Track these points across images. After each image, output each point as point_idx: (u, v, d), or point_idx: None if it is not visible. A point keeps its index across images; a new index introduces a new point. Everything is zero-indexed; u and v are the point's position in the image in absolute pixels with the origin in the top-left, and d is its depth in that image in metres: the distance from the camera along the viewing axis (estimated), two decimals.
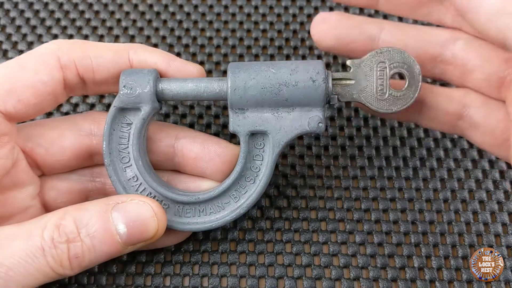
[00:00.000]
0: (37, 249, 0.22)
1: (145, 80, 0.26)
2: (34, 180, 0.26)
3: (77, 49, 0.26)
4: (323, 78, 0.25)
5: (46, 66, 0.25)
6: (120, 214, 0.24)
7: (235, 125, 0.26)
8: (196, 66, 0.27)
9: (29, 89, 0.24)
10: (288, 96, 0.26)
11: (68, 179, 0.28)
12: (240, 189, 0.27)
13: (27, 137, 0.26)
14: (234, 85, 0.26)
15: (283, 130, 0.26)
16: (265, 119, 0.26)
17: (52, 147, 0.26)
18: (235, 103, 0.26)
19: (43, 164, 0.27)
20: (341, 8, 0.37)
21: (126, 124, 0.27)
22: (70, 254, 0.23)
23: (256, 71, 0.26)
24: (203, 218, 0.27)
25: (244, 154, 0.26)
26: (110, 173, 0.26)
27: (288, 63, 0.26)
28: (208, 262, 0.29)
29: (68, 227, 0.23)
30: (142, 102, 0.26)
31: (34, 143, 0.26)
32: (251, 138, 0.27)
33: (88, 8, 0.37)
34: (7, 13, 0.37)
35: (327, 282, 0.29)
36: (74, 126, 0.27)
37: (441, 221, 0.30)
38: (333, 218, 0.30)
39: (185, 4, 0.38)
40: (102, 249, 0.23)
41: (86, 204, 0.24)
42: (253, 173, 0.27)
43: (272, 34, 0.36)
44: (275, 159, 0.27)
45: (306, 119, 0.26)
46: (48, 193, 0.27)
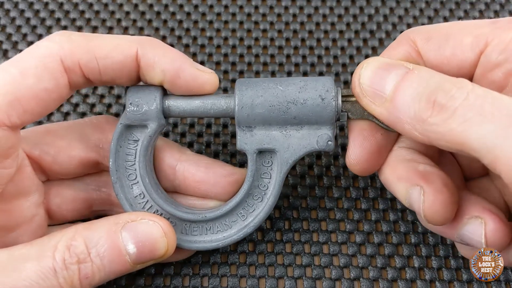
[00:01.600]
0: (49, 271, 0.22)
1: (151, 97, 0.25)
2: (39, 187, 0.26)
3: (81, 49, 0.24)
4: (333, 96, 0.25)
5: (49, 72, 0.23)
6: (129, 234, 0.23)
7: (242, 143, 0.26)
8: (208, 75, 0.26)
9: (33, 99, 0.23)
10: (297, 114, 0.25)
11: (73, 187, 0.28)
12: (248, 207, 0.27)
13: (34, 144, 0.26)
14: (241, 103, 0.25)
15: (292, 148, 0.26)
16: (273, 137, 0.26)
17: (59, 156, 0.26)
18: (243, 121, 0.25)
19: (49, 171, 0.27)
20: (341, 8, 0.37)
21: (133, 141, 0.26)
22: (81, 274, 0.23)
23: (264, 89, 0.25)
24: (210, 237, 0.27)
25: (252, 172, 0.26)
26: (116, 190, 0.26)
27: (296, 80, 0.25)
28: (208, 262, 0.29)
29: (78, 247, 0.23)
30: (148, 119, 0.26)
31: (41, 151, 0.26)
32: (259, 156, 0.26)
33: (88, 8, 0.37)
34: (7, 13, 0.37)
35: (327, 282, 0.29)
36: (82, 137, 0.27)
37: None
38: (333, 218, 0.30)
39: (185, 4, 0.38)
40: (112, 268, 0.23)
41: (96, 223, 0.24)
42: (261, 191, 0.27)
43: (272, 34, 0.36)
44: (283, 178, 0.26)
45: (315, 138, 0.26)
46: (53, 200, 0.27)
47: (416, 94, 0.21)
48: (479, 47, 0.23)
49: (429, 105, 0.20)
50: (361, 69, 0.23)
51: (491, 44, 0.23)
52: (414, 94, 0.21)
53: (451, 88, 0.20)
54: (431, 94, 0.20)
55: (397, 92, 0.22)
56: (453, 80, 0.21)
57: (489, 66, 0.23)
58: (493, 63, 0.23)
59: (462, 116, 0.19)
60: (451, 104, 0.20)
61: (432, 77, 0.21)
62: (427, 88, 0.21)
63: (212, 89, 0.26)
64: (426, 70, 0.22)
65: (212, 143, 0.33)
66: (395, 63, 0.23)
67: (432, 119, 0.20)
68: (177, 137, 0.33)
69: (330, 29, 0.37)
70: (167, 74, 0.25)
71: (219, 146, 0.33)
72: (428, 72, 0.22)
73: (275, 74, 0.35)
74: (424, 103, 0.21)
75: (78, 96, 0.34)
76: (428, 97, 0.20)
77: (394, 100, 0.22)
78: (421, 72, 0.22)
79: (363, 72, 0.23)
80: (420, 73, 0.22)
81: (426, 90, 0.21)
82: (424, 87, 0.21)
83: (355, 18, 0.37)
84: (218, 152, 0.33)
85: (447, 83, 0.21)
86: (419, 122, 0.21)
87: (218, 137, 0.33)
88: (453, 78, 0.21)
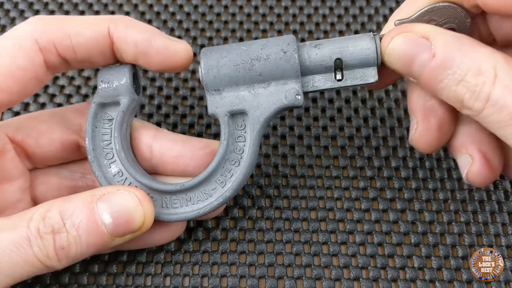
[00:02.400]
0: (24, 240, 0.22)
1: (121, 73, 0.26)
2: (24, 173, 0.27)
3: (54, 28, 0.25)
4: (294, 49, 0.25)
5: (24, 51, 0.24)
6: (105, 204, 0.23)
7: (213, 107, 0.26)
8: (181, 44, 0.26)
9: (9, 77, 0.24)
10: (262, 70, 0.25)
11: (59, 175, 0.28)
12: (226, 173, 0.27)
13: (17, 128, 0.26)
14: (206, 66, 0.26)
15: (262, 107, 0.26)
16: (242, 97, 0.26)
17: (41, 139, 0.27)
18: (210, 84, 0.26)
19: (32, 155, 0.27)
20: (341, 8, 0.37)
21: (108, 120, 0.27)
22: (56, 245, 0.23)
23: (227, 50, 0.26)
24: (191, 207, 0.26)
25: (226, 135, 0.26)
26: (94, 169, 0.26)
27: (259, 40, 0.26)
28: (208, 262, 0.29)
29: (53, 218, 0.23)
30: (120, 94, 0.26)
31: (24, 134, 0.26)
32: (231, 119, 0.26)
33: (88, 8, 0.37)
34: (7, 13, 0.37)
35: (327, 282, 0.29)
36: (63, 120, 0.27)
37: (441, 221, 0.30)
38: (333, 218, 0.30)
39: (185, 4, 0.38)
40: (89, 240, 0.23)
41: (72, 196, 0.24)
42: (237, 155, 0.27)
43: (272, 34, 0.36)
44: (257, 137, 0.26)
45: (283, 93, 0.26)
46: (38, 188, 0.27)
47: (444, 87, 0.23)
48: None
49: (458, 101, 0.22)
50: (390, 44, 0.24)
51: None
52: (442, 86, 0.23)
53: (475, 87, 0.21)
54: (458, 92, 0.22)
55: (427, 80, 0.23)
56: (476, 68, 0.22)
57: None
58: None
59: (486, 118, 0.22)
60: (476, 107, 0.22)
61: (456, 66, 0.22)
62: (453, 82, 0.22)
63: (187, 57, 0.26)
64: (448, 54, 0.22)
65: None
66: (422, 42, 0.23)
67: (464, 111, 0.23)
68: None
69: (330, 29, 0.37)
70: (139, 45, 0.25)
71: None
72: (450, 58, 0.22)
73: None
74: (453, 97, 0.23)
75: (78, 96, 0.34)
76: (456, 94, 0.22)
77: (426, 85, 0.24)
78: (444, 60, 0.22)
79: (392, 51, 0.24)
80: (444, 61, 0.22)
81: (452, 85, 0.22)
82: (450, 80, 0.22)
83: (354, 18, 0.37)
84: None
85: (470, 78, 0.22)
86: (453, 105, 0.23)
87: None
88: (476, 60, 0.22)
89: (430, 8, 0.25)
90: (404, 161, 0.32)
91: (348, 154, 0.32)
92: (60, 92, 0.34)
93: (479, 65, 0.21)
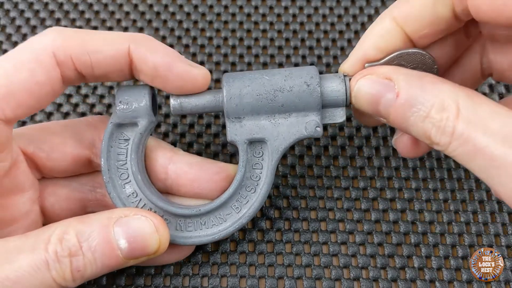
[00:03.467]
0: (42, 263, 0.22)
1: (140, 95, 0.26)
2: (34, 184, 0.26)
3: (74, 43, 0.24)
4: (317, 82, 0.25)
5: (42, 65, 0.24)
6: (121, 229, 0.23)
7: (232, 134, 0.26)
8: (201, 70, 0.26)
9: (26, 92, 0.23)
10: (284, 101, 0.26)
11: (68, 187, 0.28)
12: (241, 199, 0.27)
13: (29, 140, 0.26)
14: (229, 94, 0.25)
15: (281, 137, 0.26)
16: (262, 126, 0.26)
17: (53, 152, 0.26)
18: (232, 112, 0.26)
19: (43, 167, 0.27)
20: (341, 8, 0.37)
21: (124, 140, 0.26)
22: (73, 267, 0.23)
23: (251, 79, 0.26)
24: (205, 231, 0.27)
25: (243, 162, 0.26)
26: (109, 189, 0.26)
27: (281, 70, 0.26)
28: (208, 262, 0.29)
29: (70, 240, 0.23)
30: (138, 116, 0.26)
31: (36, 147, 0.26)
32: (250, 147, 0.26)
33: (88, 8, 0.37)
34: (7, 13, 0.37)
35: (327, 282, 0.29)
36: (76, 134, 0.27)
37: (441, 221, 0.30)
38: (333, 218, 0.30)
39: (185, 4, 0.38)
40: (104, 262, 0.23)
41: (89, 217, 0.24)
42: (253, 182, 0.27)
43: (272, 34, 0.36)
44: (274, 166, 0.26)
45: (303, 124, 0.26)
46: (47, 199, 0.27)
47: (412, 124, 0.23)
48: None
49: (426, 137, 0.23)
50: (355, 88, 0.25)
51: None
52: (410, 123, 0.23)
53: (439, 122, 0.22)
54: (425, 128, 0.23)
55: (394, 118, 0.24)
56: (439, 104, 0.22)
57: None
58: None
59: (453, 151, 0.22)
60: (443, 142, 0.22)
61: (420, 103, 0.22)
62: (419, 119, 0.23)
63: (205, 83, 0.26)
64: (412, 93, 0.23)
65: (212, 143, 0.33)
66: (385, 83, 0.24)
67: (433, 146, 0.23)
68: (176, 137, 0.33)
69: (329, 29, 0.37)
70: (160, 68, 0.25)
71: (218, 146, 0.33)
72: (414, 96, 0.23)
73: None
74: (421, 133, 0.23)
75: (78, 96, 0.34)
76: (423, 130, 0.23)
77: (394, 123, 0.24)
78: (408, 98, 0.23)
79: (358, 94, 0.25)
80: (407, 99, 0.23)
81: (419, 122, 0.23)
82: (416, 117, 0.23)
83: (354, 18, 0.37)
84: (218, 152, 0.33)
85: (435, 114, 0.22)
86: (424, 141, 0.23)
87: (217, 137, 0.33)
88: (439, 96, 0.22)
89: (399, 53, 0.26)
90: (404, 161, 0.32)
91: (348, 154, 0.32)
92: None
93: (442, 101, 0.22)
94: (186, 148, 0.32)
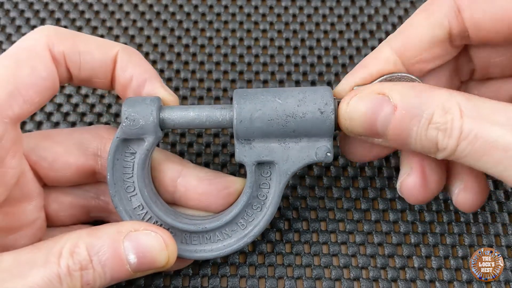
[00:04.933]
0: (54, 277, 0.22)
1: (148, 112, 0.25)
2: (40, 192, 0.26)
3: (67, 41, 0.25)
4: (332, 109, 0.25)
5: (42, 61, 0.24)
6: (131, 244, 0.24)
7: (241, 155, 0.26)
8: (171, 97, 0.26)
9: (31, 87, 0.24)
10: (296, 127, 0.25)
11: (72, 194, 0.28)
12: (247, 217, 0.27)
13: (32, 149, 0.26)
14: (240, 117, 0.25)
15: (290, 160, 0.26)
16: (271, 149, 0.26)
17: (56, 163, 0.26)
18: (241, 134, 0.25)
19: (45, 177, 0.27)
20: (341, 8, 0.37)
21: (130, 153, 0.26)
22: (83, 281, 0.23)
23: (262, 102, 0.25)
24: (210, 246, 0.27)
25: (251, 184, 0.26)
26: (115, 203, 0.26)
27: (295, 91, 0.25)
28: (208, 262, 0.29)
29: (81, 254, 0.23)
30: (145, 133, 0.25)
31: (38, 157, 0.26)
32: (258, 167, 0.26)
33: (88, 8, 0.37)
34: (7, 13, 0.37)
35: (327, 282, 0.29)
36: (80, 144, 0.27)
37: (441, 221, 0.30)
38: (333, 218, 0.30)
39: (185, 4, 0.38)
40: (112, 275, 0.23)
41: (99, 229, 0.24)
42: (260, 201, 0.27)
43: (272, 34, 0.36)
44: (282, 188, 0.26)
45: (314, 149, 0.25)
46: (51, 205, 0.27)
47: (415, 136, 0.22)
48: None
49: (432, 146, 0.22)
50: (347, 109, 0.24)
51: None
52: (413, 135, 0.22)
53: (445, 125, 0.21)
54: (430, 136, 0.22)
55: (395, 134, 0.23)
56: (440, 108, 0.22)
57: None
58: None
59: (462, 152, 0.21)
60: (451, 145, 0.21)
61: (421, 110, 0.22)
62: (423, 128, 0.22)
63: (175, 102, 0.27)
64: (410, 102, 0.22)
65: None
66: (379, 98, 0.23)
67: (440, 154, 0.22)
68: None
69: (330, 29, 0.37)
70: (134, 81, 0.26)
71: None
72: (413, 105, 0.22)
73: (274, 75, 0.35)
74: (426, 143, 0.22)
75: (78, 96, 0.34)
76: (428, 139, 0.22)
77: (395, 140, 0.23)
78: (407, 108, 0.22)
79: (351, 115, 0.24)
80: (407, 110, 0.22)
81: (423, 131, 0.22)
82: (419, 127, 0.22)
83: (354, 19, 0.37)
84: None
85: (438, 118, 0.22)
86: (427, 153, 0.23)
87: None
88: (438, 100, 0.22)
89: (389, 76, 0.25)
90: None
91: None
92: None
93: (442, 104, 0.22)
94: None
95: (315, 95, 0.25)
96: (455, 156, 0.22)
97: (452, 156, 0.22)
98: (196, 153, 0.33)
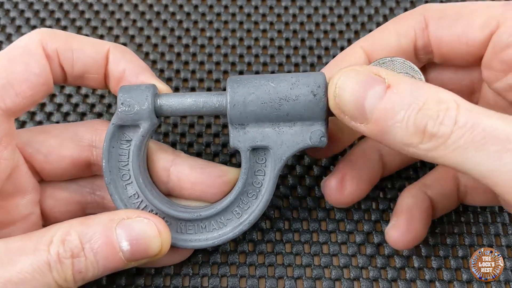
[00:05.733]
0: (44, 264, 0.22)
1: (143, 97, 0.25)
2: (35, 186, 0.26)
3: (60, 39, 0.26)
4: (324, 92, 0.25)
5: (35, 58, 0.25)
6: (124, 231, 0.23)
7: (235, 140, 0.26)
8: (164, 87, 0.27)
9: (24, 82, 0.24)
10: (289, 110, 0.25)
11: (68, 189, 0.28)
12: (242, 205, 0.27)
13: (27, 142, 0.26)
14: (233, 101, 0.25)
15: (285, 145, 0.26)
16: (266, 134, 0.26)
17: (51, 155, 0.26)
18: (235, 119, 0.25)
19: (40, 171, 0.27)
20: (341, 8, 0.37)
21: (126, 141, 0.26)
22: (74, 269, 0.23)
23: (256, 86, 0.25)
24: (206, 235, 0.27)
25: (246, 169, 0.26)
26: (110, 191, 0.26)
27: (288, 76, 0.25)
28: (208, 262, 0.29)
29: (73, 242, 0.23)
30: (140, 119, 0.25)
31: (33, 149, 0.26)
32: (253, 153, 0.26)
33: (88, 8, 0.37)
34: (7, 13, 0.37)
35: (327, 282, 0.29)
36: (75, 136, 0.27)
37: (441, 221, 0.30)
38: (333, 218, 0.30)
39: (185, 4, 0.38)
40: (105, 264, 0.23)
41: (91, 218, 0.24)
42: (255, 188, 0.27)
43: (272, 34, 0.36)
44: (277, 174, 0.26)
45: (308, 133, 0.25)
46: (46, 201, 0.27)
47: (401, 119, 0.21)
48: (490, 27, 0.24)
49: (418, 133, 0.20)
50: (339, 81, 0.22)
51: (503, 25, 0.23)
52: (399, 119, 0.21)
53: (437, 112, 0.20)
54: (419, 121, 0.20)
55: (380, 115, 0.21)
56: (435, 98, 0.20)
57: (501, 46, 0.24)
58: (504, 43, 0.23)
59: (454, 143, 0.20)
60: (442, 132, 0.20)
61: (413, 97, 0.21)
62: (412, 112, 0.20)
63: None
64: (404, 87, 0.21)
65: (212, 143, 0.33)
66: (374, 77, 0.22)
67: (424, 146, 0.21)
68: (176, 137, 0.33)
69: (329, 29, 0.37)
70: (127, 73, 0.26)
71: (218, 146, 0.33)
72: (407, 90, 0.21)
73: None
74: (412, 129, 0.20)
75: (78, 96, 0.34)
76: (416, 124, 0.20)
77: (378, 123, 0.21)
78: (400, 91, 0.21)
79: (342, 86, 0.22)
80: (399, 92, 0.21)
81: (412, 115, 0.20)
82: (408, 110, 0.20)
83: (354, 18, 0.37)
84: (218, 152, 0.33)
85: (431, 105, 0.20)
86: (408, 146, 0.21)
87: (217, 137, 0.33)
88: (433, 92, 0.21)
89: (381, 60, 0.25)
90: None
91: None
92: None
93: (438, 96, 0.20)
94: (186, 148, 0.32)
95: (308, 78, 0.25)
96: (445, 146, 0.20)
97: (440, 148, 0.20)
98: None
